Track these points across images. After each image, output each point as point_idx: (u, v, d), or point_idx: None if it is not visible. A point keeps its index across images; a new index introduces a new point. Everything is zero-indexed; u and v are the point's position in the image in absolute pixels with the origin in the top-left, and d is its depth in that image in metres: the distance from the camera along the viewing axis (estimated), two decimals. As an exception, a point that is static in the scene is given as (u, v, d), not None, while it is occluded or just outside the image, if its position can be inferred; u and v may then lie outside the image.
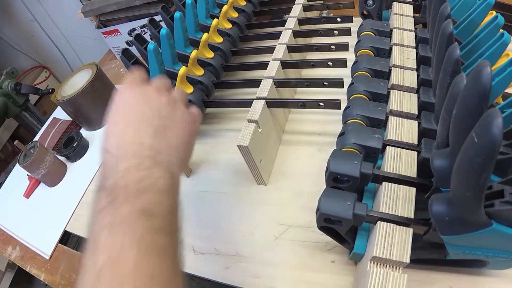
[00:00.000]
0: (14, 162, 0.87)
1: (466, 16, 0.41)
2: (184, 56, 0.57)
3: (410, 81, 0.42)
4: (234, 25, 0.65)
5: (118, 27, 0.92)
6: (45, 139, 0.79)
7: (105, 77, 0.78)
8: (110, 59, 1.05)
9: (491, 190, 0.23)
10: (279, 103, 0.50)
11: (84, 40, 1.44)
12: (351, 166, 0.32)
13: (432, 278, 0.36)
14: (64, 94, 0.72)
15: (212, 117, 0.65)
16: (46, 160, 0.66)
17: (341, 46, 0.53)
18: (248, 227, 0.47)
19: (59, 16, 1.38)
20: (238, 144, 0.43)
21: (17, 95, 1.07)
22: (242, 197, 0.51)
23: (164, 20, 0.62)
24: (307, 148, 0.53)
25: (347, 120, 0.39)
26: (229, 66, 0.61)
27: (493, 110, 0.18)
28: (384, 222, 0.30)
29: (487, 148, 0.18)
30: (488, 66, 0.20)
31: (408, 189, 0.32)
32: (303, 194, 0.48)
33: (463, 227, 0.24)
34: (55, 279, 0.56)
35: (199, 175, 0.57)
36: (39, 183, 0.71)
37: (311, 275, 0.40)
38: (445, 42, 0.33)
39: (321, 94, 0.58)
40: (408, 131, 0.37)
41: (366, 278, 0.29)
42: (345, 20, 0.59)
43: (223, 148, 0.59)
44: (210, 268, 0.45)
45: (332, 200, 0.31)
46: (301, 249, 0.43)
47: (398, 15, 0.52)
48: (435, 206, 0.25)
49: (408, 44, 0.47)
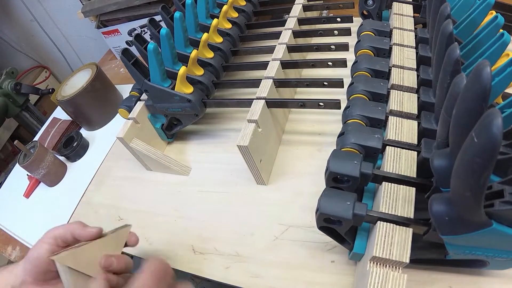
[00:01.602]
0: (14, 162, 0.87)
1: (466, 16, 0.41)
2: (184, 56, 0.57)
3: (410, 81, 0.42)
4: (234, 25, 0.65)
5: (118, 27, 0.92)
6: (45, 139, 0.79)
7: (105, 77, 0.78)
8: (110, 59, 1.05)
9: (491, 190, 0.23)
10: (279, 103, 0.50)
11: (84, 40, 1.44)
12: (351, 166, 0.32)
13: (432, 278, 0.36)
14: (64, 94, 0.72)
15: (212, 117, 0.65)
16: (46, 160, 0.66)
17: (341, 46, 0.53)
18: (248, 227, 0.47)
19: (59, 16, 1.38)
20: (238, 144, 0.43)
21: (17, 95, 1.07)
22: (242, 197, 0.51)
23: (164, 20, 0.62)
24: (307, 148, 0.53)
25: (347, 120, 0.39)
26: (229, 66, 0.61)
27: (493, 110, 0.18)
28: (384, 222, 0.30)
29: (487, 148, 0.18)
30: (488, 66, 0.20)
31: (408, 189, 0.32)
32: (303, 194, 0.48)
33: (463, 227, 0.24)
34: (55, 279, 0.56)
35: (200, 175, 0.57)
36: (39, 183, 0.71)
37: (311, 275, 0.40)
38: (445, 42, 0.33)
39: (321, 94, 0.58)
40: (408, 131, 0.37)
41: (366, 278, 0.29)
42: (345, 20, 0.59)
43: (223, 148, 0.59)
44: (210, 268, 0.45)
45: (332, 200, 0.31)
46: (301, 249, 0.43)
47: (398, 15, 0.52)
48: (435, 206, 0.25)
49: (408, 44, 0.47)
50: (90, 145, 0.75)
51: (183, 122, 0.59)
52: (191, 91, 0.53)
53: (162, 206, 0.55)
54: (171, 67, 0.54)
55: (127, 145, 0.54)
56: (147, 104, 0.57)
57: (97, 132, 0.78)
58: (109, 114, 0.79)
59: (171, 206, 0.55)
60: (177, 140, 0.65)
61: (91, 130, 0.79)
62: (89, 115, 0.76)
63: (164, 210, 0.54)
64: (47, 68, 1.57)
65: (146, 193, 0.59)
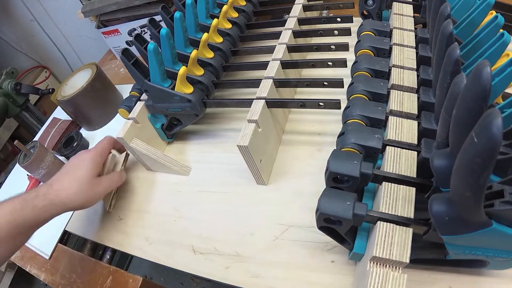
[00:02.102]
0: (14, 162, 0.87)
1: (466, 16, 0.41)
2: (184, 56, 0.57)
3: (410, 81, 0.42)
4: (234, 25, 0.65)
5: (118, 27, 0.92)
6: (45, 139, 0.79)
7: (105, 77, 0.78)
8: (110, 59, 1.05)
9: (491, 190, 0.23)
10: (279, 103, 0.50)
11: (84, 40, 1.44)
12: (351, 166, 0.32)
13: (432, 278, 0.36)
14: (64, 94, 0.72)
15: (212, 117, 0.65)
16: (46, 160, 0.66)
17: (341, 46, 0.53)
18: (248, 227, 0.47)
19: (59, 16, 1.38)
20: (238, 144, 0.43)
21: (17, 95, 1.07)
22: (242, 197, 0.51)
23: (164, 20, 0.62)
24: (307, 148, 0.53)
25: (347, 120, 0.39)
26: (229, 66, 0.61)
27: (493, 110, 0.18)
28: (384, 222, 0.30)
29: (487, 148, 0.18)
30: (488, 66, 0.20)
31: (408, 189, 0.32)
32: (303, 194, 0.48)
33: (463, 227, 0.24)
34: (55, 279, 0.56)
35: (200, 175, 0.57)
36: (39, 183, 0.71)
37: (311, 275, 0.40)
38: (445, 42, 0.33)
39: (321, 94, 0.58)
40: (408, 131, 0.37)
41: (366, 278, 0.29)
42: (345, 20, 0.59)
43: (223, 148, 0.59)
44: (210, 268, 0.45)
45: (332, 200, 0.31)
46: (301, 249, 0.43)
47: (398, 15, 0.52)
48: (435, 206, 0.25)
49: (408, 44, 0.47)
50: (90, 145, 0.75)
51: (183, 122, 0.59)
52: (191, 91, 0.53)
53: (162, 206, 0.55)
54: (171, 67, 0.54)
55: (127, 145, 0.54)
56: (147, 104, 0.57)
57: (97, 132, 0.78)
58: (109, 114, 0.79)
59: (171, 206, 0.55)
60: (177, 140, 0.65)
61: (91, 130, 0.79)
62: (89, 115, 0.76)
63: (164, 210, 0.55)
64: (47, 68, 1.57)
65: (146, 193, 0.59)
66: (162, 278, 1.20)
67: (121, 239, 0.54)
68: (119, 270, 0.52)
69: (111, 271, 0.52)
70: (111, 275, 0.52)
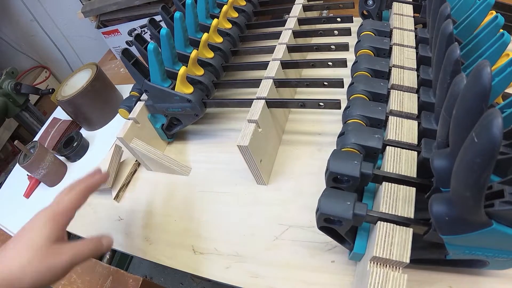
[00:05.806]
0: (14, 162, 0.87)
1: (466, 16, 0.41)
2: (184, 56, 0.57)
3: (410, 81, 0.42)
4: (234, 25, 0.65)
5: (118, 27, 0.92)
6: (45, 139, 0.79)
7: (105, 77, 0.78)
8: (110, 59, 1.05)
9: (491, 190, 0.23)
10: (279, 103, 0.50)
11: (84, 40, 1.44)
12: (351, 166, 0.32)
13: (432, 278, 0.36)
14: (64, 94, 0.72)
15: (212, 117, 0.65)
16: (46, 160, 0.66)
17: (341, 46, 0.53)
18: (248, 227, 0.47)
19: (59, 16, 1.38)
20: (238, 144, 0.43)
21: (17, 95, 1.07)
22: (242, 197, 0.51)
23: (164, 20, 0.62)
24: (307, 148, 0.53)
25: (347, 120, 0.39)
26: (229, 66, 0.61)
27: (493, 110, 0.18)
28: (384, 222, 0.30)
29: (487, 148, 0.18)
30: (488, 66, 0.20)
31: (408, 189, 0.32)
32: (303, 194, 0.48)
33: (463, 227, 0.24)
34: (55, 279, 0.55)
35: (200, 175, 0.57)
36: (39, 183, 0.71)
37: (311, 275, 0.40)
38: (445, 42, 0.33)
39: (321, 94, 0.58)
40: (408, 131, 0.37)
41: (366, 278, 0.29)
42: (345, 20, 0.59)
43: (223, 148, 0.59)
44: (210, 268, 0.45)
45: (332, 200, 0.31)
46: (301, 249, 0.43)
47: (398, 15, 0.52)
48: (435, 206, 0.25)
49: (408, 44, 0.47)
50: (90, 145, 0.75)
51: (183, 122, 0.59)
52: (191, 91, 0.53)
53: (162, 206, 0.55)
54: (171, 67, 0.54)
55: (127, 145, 0.54)
56: (147, 104, 0.57)
57: (97, 132, 0.78)
58: (109, 114, 0.78)
59: (171, 206, 0.55)
60: (177, 140, 0.65)
61: (91, 130, 0.79)
62: (89, 115, 0.76)
63: (164, 210, 0.55)
64: (47, 68, 1.57)
65: (146, 193, 0.59)
66: (162, 278, 1.20)
67: (121, 239, 0.54)
68: (119, 270, 0.52)
69: (111, 271, 0.52)
70: (111, 275, 0.52)
